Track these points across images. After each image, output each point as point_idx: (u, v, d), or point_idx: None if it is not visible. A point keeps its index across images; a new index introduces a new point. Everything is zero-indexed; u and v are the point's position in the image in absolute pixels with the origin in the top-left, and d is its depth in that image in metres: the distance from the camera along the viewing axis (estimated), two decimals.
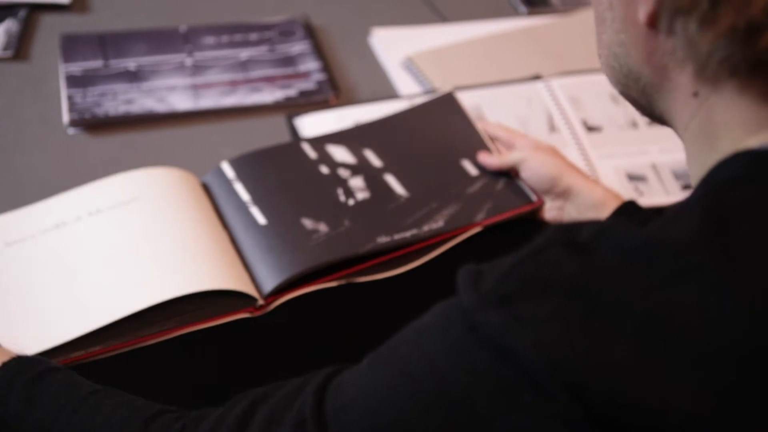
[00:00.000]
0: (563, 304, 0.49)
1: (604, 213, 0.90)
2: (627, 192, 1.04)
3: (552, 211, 0.95)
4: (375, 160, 0.97)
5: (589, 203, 0.91)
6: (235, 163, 0.95)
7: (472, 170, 0.98)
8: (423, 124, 1.03)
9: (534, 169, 0.95)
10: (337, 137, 1.00)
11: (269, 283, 0.83)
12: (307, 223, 0.88)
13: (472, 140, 1.01)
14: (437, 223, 0.91)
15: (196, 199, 0.91)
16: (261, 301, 0.82)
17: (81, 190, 0.91)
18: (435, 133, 1.02)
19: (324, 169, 0.95)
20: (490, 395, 0.50)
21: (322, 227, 0.88)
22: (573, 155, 1.07)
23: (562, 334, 0.49)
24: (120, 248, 0.84)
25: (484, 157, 0.99)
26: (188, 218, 0.87)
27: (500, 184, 0.97)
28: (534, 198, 0.95)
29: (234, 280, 0.82)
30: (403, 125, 1.03)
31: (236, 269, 0.84)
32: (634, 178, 1.06)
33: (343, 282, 0.85)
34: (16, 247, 0.86)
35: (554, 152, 0.98)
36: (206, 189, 0.94)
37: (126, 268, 0.82)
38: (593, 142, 1.11)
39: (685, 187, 1.06)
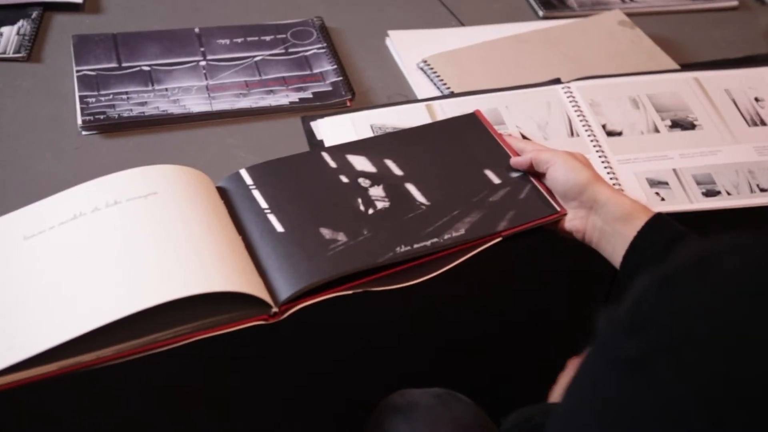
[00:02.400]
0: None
1: (632, 225, 0.89)
2: (649, 198, 1.03)
3: (575, 221, 0.94)
4: (396, 169, 0.97)
5: (616, 214, 0.90)
6: (254, 171, 0.95)
7: (495, 179, 0.98)
8: (445, 136, 1.03)
9: (562, 173, 0.94)
10: (358, 147, 1.00)
11: (285, 291, 0.82)
12: (326, 232, 0.88)
13: (495, 151, 1.01)
14: (458, 232, 0.90)
15: (213, 201, 0.91)
16: (275, 309, 0.82)
17: (99, 180, 0.91)
18: (457, 145, 1.02)
19: (344, 179, 0.95)
20: None
21: (341, 236, 0.88)
22: (593, 160, 1.05)
23: None
24: (136, 242, 0.83)
25: (513, 159, 0.99)
26: (206, 218, 0.87)
27: (523, 193, 0.96)
28: (558, 208, 0.95)
29: (250, 285, 0.81)
30: (425, 137, 1.03)
31: (252, 275, 0.83)
32: (655, 183, 1.05)
33: (359, 291, 0.85)
34: (34, 240, 0.85)
35: (585, 160, 0.97)
36: (222, 193, 0.93)
37: (142, 263, 0.81)
38: (613, 146, 1.09)
39: (707, 193, 1.04)
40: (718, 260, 0.52)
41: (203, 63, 1.21)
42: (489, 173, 0.98)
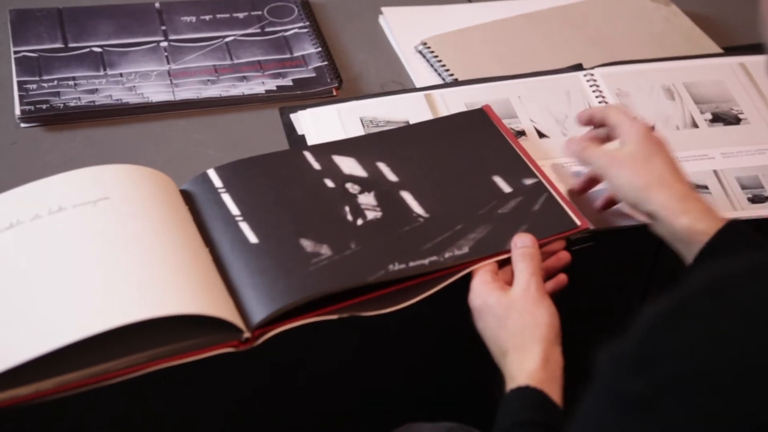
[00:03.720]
0: None
1: (692, 249, 0.87)
2: None
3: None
4: (390, 175, 0.97)
5: (674, 235, 0.89)
6: (224, 171, 0.94)
7: (506, 187, 0.97)
8: (447, 136, 1.03)
9: (615, 184, 0.93)
10: (346, 146, 1.00)
11: (259, 313, 0.82)
12: (307, 244, 0.88)
13: (506, 154, 1.01)
14: (461, 249, 0.90)
15: (175, 207, 0.90)
16: (247, 334, 0.81)
17: (41, 183, 0.90)
18: (462, 146, 1.02)
19: (329, 183, 0.95)
20: None
21: (325, 250, 0.87)
22: None
23: None
24: (84, 256, 0.83)
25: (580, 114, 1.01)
26: (166, 228, 0.87)
27: (538, 203, 0.96)
28: (578, 222, 0.95)
29: (218, 306, 0.80)
30: (424, 136, 1.03)
31: (220, 294, 0.83)
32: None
33: (345, 315, 0.85)
34: None
35: (649, 157, 0.92)
36: (187, 197, 0.93)
37: (90, 281, 0.81)
38: None
39: (754, 198, 1.04)
40: (736, 284, 0.53)
41: (164, 44, 1.20)
42: (498, 180, 0.98)
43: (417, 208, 0.94)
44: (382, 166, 0.98)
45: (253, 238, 0.88)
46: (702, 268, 0.55)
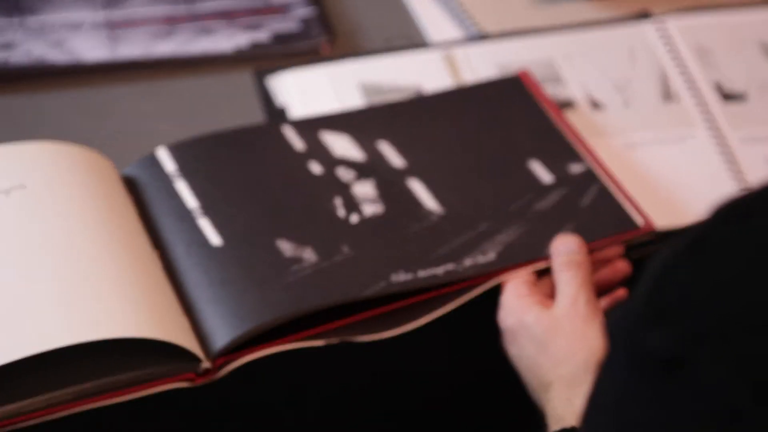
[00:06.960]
0: None
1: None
2: None
3: None
4: (395, 158, 0.98)
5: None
6: (179, 151, 0.95)
7: (545, 176, 0.98)
8: (470, 110, 1.05)
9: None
10: (338, 121, 1.01)
11: (222, 337, 0.83)
12: (286, 247, 0.89)
13: (546, 134, 1.02)
14: (486, 256, 0.91)
15: (114, 197, 0.91)
16: (207, 363, 0.82)
17: None
18: (488, 123, 1.03)
19: (315, 168, 0.96)
20: None
21: (308, 254, 0.88)
22: (700, 137, 1.05)
23: None
24: None
25: None
26: (101, 225, 0.88)
27: (588, 196, 0.97)
28: (640, 222, 0.95)
29: (167, 328, 0.81)
30: (440, 110, 1.04)
31: (171, 311, 0.84)
32: None
33: (334, 340, 0.85)
34: None
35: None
36: (130, 186, 0.94)
37: None
38: (732, 117, 1.09)
39: None
40: (762, 207, 0.54)
41: None
42: (536, 167, 0.99)
43: (429, 201, 0.95)
44: (385, 147, 0.99)
45: (215, 239, 0.89)
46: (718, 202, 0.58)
